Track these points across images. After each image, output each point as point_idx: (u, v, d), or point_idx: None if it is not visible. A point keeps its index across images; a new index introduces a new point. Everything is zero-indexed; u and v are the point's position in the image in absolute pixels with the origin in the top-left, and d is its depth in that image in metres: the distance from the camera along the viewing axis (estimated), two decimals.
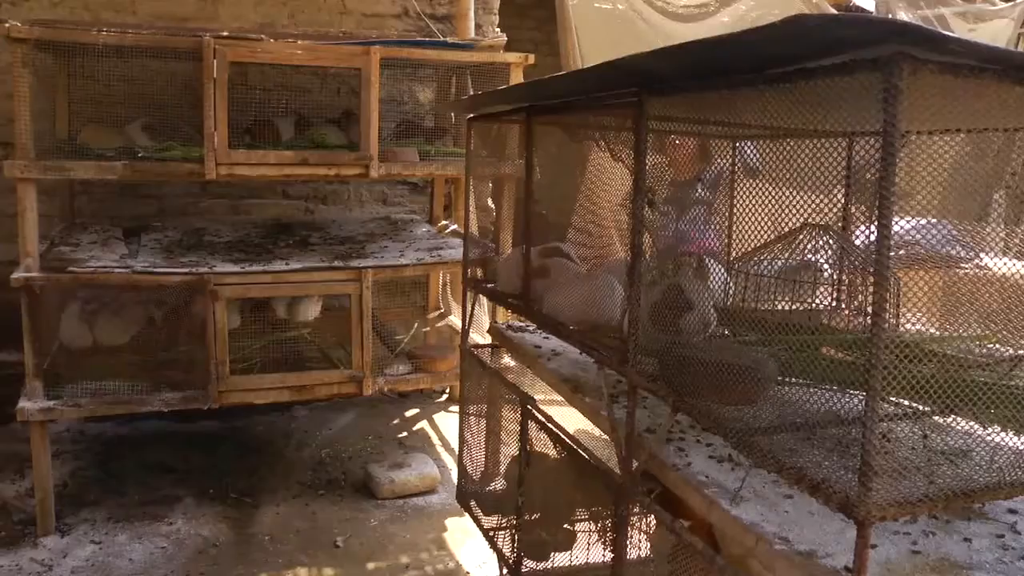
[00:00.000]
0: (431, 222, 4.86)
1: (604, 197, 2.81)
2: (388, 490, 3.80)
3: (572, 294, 2.41)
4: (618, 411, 2.18)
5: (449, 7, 5.08)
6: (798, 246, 2.25)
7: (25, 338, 3.33)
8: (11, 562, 3.27)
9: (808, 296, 2.38)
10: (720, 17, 6.21)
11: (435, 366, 3.91)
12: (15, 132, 3.25)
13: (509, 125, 3.14)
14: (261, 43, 3.47)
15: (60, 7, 4.48)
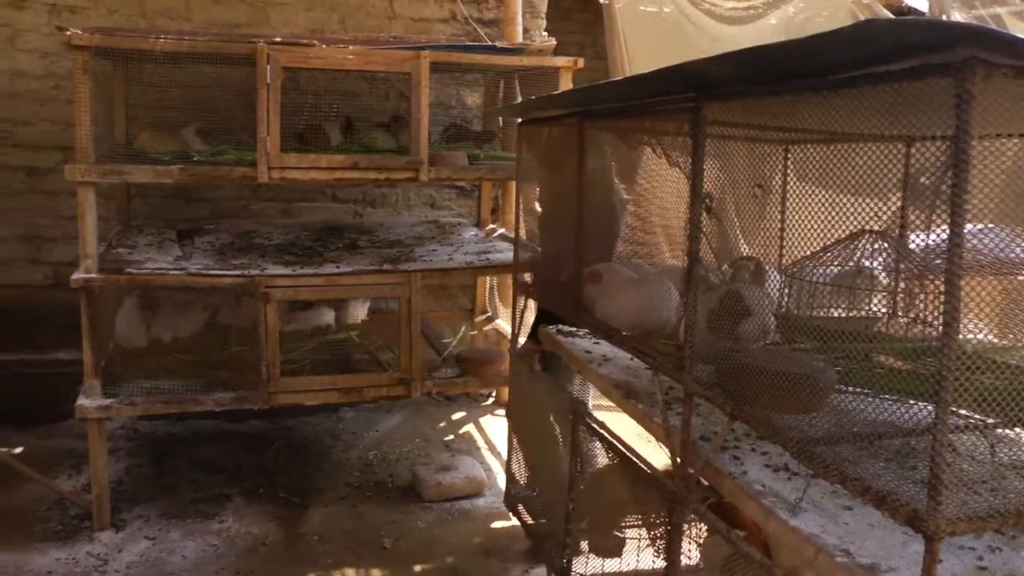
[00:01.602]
0: (478, 226, 4.88)
1: (655, 202, 2.79)
2: (435, 492, 3.82)
3: (625, 299, 2.39)
4: (672, 418, 2.17)
5: (497, 11, 5.10)
6: (855, 252, 2.22)
7: (84, 337, 3.40)
8: (68, 555, 3.34)
9: (864, 303, 2.35)
10: (767, 20, 6.15)
11: (483, 370, 3.92)
12: (76, 136, 3.31)
13: (560, 129, 3.14)
14: (313, 48, 3.50)
15: (117, 15, 4.58)
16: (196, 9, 4.69)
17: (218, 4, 4.71)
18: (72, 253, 4.60)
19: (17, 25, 4.49)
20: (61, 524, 3.59)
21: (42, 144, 4.59)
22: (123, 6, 4.59)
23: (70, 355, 4.52)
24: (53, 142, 4.59)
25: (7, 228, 4.61)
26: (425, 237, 4.42)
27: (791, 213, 2.51)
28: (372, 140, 3.91)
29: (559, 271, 2.89)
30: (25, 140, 4.58)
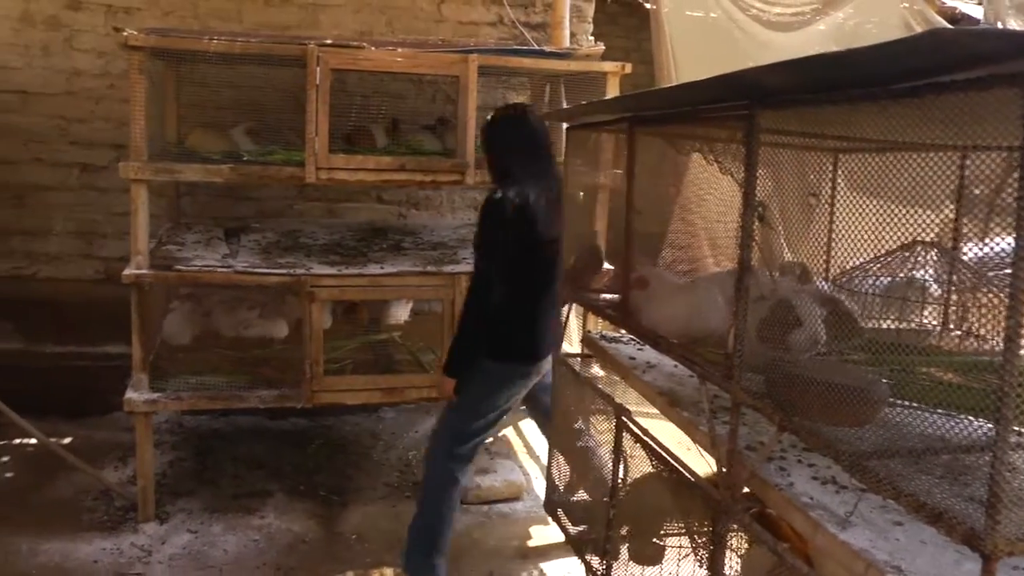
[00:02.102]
0: None
1: (698, 209, 2.77)
2: (474, 495, 3.83)
3: (672, 306, 2.38)
4: (718, 427, 2.15)
5: (544, 15, 5.10)
6: (906, 263, 2.18)
7: (134, 332, 3.46)
8: (113, 545, 3.41)
9: (915, 315, 2.31)
10: (816, 26, 6.09)
11: None
12: (130, 135, 3.37)
13: (608, 135, 3.13)
14: (363, 51, 3.53)
15: (171, 16, 4.66)
16: (248, 11, 4.76)
17: (269, 6, 4.78)
18: (122, 249, 4.69)
19: (74, 26, 4.59)
20: (107, 515, 3.66)
21: (96, 142, 4.69)
22: (177, 8, 4.67)
23: (118, 349, 4.62)
24: (107, 140, 4.69)
25: (61, 223, 4.72)
26: (468, 240, 4.41)
27: (840, 222, 2.49)
28: (418, 142, 3.93)
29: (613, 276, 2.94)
30: (80, 137, 4.68)
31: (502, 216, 2.96)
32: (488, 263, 3.01)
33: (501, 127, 3.16)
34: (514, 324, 3.07)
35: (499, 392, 3.10)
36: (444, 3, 5.00)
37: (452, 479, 3.10)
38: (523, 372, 3.12)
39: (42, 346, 4.69)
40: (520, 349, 3.10)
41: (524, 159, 3.09)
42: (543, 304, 3.12)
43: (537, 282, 3.09)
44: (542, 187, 3.06)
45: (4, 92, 4.57)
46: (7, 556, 3.29)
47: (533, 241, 3.02)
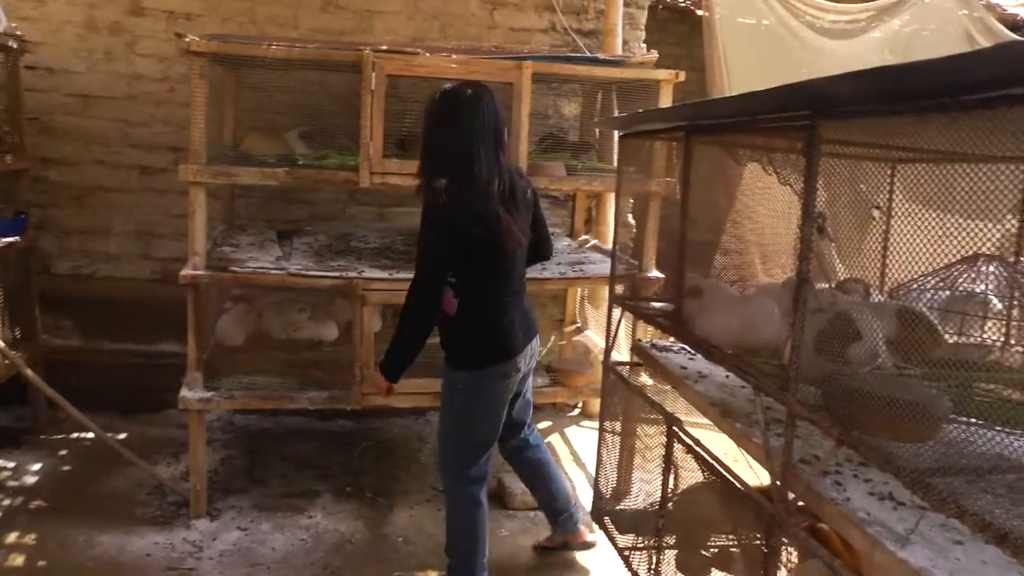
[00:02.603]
0: (571, 236, 4.88)
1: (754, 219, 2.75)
2: (520, 501, 3.83)
3: (727, 317, 2.36)
4: (771, 439, 2.13)
5: (596, 22, 5.10)
6: (967, 276, 2.14)
7: (189, 331, 3.51)
8: (166, 540, 3.47)
9: (976, 330, 2.26)
10: (871, 33, 6.00)
11: (572, 380, 3.91)
12: (190, 139, 3.44)
13: (662, 143, 3.12)
14: (417, 57, 3.56)
15: (229, 22, 4.74)
16: (303, 17, 4.83)
17: (325, 12, 4.84)
18: (178, 250, 4.79)
19: (137, 31, 4.69)
20: (159, 510, 3.72)
21: (155, 144, 4.79)
22: (235, 14, 4.75)
23: (172, 348, 4.73)
24: (166, 143, 4.79)
25: (121, 224, 4.82)
26: None
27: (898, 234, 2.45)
28: None
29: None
30: (140, 140, 4.78)
31: (445, 214, 2.71)
32: (436, 266, 2.77)
33: (466, 104, 2.75)
34: (480, 330, 2.87)
35: (486, 400, 2.92)
36: (496, 9, 5.02)
37: (475, 502, 3.00)
38: (503, 373, 2.90)
39: (100, 343, 4.80)
40: (492, 352, 2.87)
41: (486, 145, 2.75)
42: (506, 301, 2.89)
43: (497, 281, 2.86)
44: (500, 179, 2.77)
45: (68, 96, 4.69)
46: (64, 547, 3.37)
47: (492, 242, 2.76)
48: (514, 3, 5.03)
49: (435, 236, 2.74)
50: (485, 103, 2.76)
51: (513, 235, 2.79)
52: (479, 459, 2.99)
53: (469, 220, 2.70)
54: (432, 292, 2.78)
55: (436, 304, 2.79)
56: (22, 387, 4.14)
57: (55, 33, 4.62)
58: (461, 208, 2.70)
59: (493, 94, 2.82)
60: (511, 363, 2.90)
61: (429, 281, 2.77)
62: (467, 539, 3.02)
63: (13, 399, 4.35)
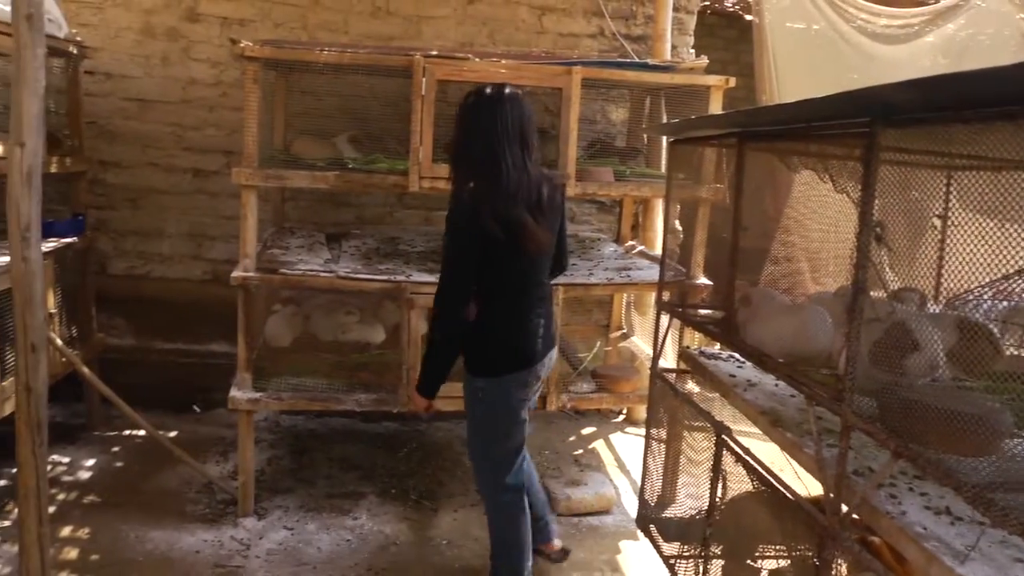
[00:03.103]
0: (618, 241, 4.86)
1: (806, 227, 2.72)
2: (564, 506, 3.82)
3: (779, 325, 2.33)
4: (824, 450, 2.10)
5: (645, 28, 5.08)
6: None
7: (239, 332, 3.56)
8: (214, 537, 3.52)
9: None
10: (925, 38, 5.89)
11: (618, 387, 3.89)
12: (243, 142, 3.49)
13: (712, 149, 3.10)
14: (467, 62, 3.58)
15: (281, 28, 4.82)
16: (354, 23, 4.88)
17: (375, 18, 4.89)
18: (229, 251, 4.87)
19: (192, 37, 4.78)
20: (208, 507, 3.78)
21: (208, 148, 4.88)
22: (287, 19, 4.82)
23: (221, 348, 4.80)
24: (218, 146, 4.87)
25: (174, 225, 4.92)
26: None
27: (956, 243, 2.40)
28: None
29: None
30: (194, 144, 4.87)
31: (473, 220, 2.64)
32: (465, 273, 2.70)
33: (491, 107, 2.71)
34: (501, 336, 2.82)
35: (508, 406, 2.87)
36: (545, 15, 5.03)
37: (517, 509, 2.98)
38: (523, 380, 2.85)
39: (152, 343, 4.90)
40: (513, 359, 2.83)
41: (512, 148, 2.69)
42: (527, 307, 2.85)
43: (520, 287, 2.82)
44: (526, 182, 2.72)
45: (125, 100, 4.79)
46: (116, 542, 3.44)
47: (515, 247, 2.70)
48: (562, 8, 5.03)
49: (461, 242, 2.68)
50: (510, 106, 2.71)
51: (537, 241, 2.75)
52: (512, 466, 2.96)
53: (494, 223, 2.64)
54: (461, 300, 2.72)
55: (464, 312, 2.73)
56: (78, 384, 4.24)
57: (113, 39, 4.73)
58: (486, 211, 2.64)
59: (521, 98, 2.77)
60: (531, 371, 2.87)
61: (457, 289, 2.71)
62: (514, 549, 3.00)
63: (69, 396, 4.44)
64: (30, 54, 2.49)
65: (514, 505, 2.98)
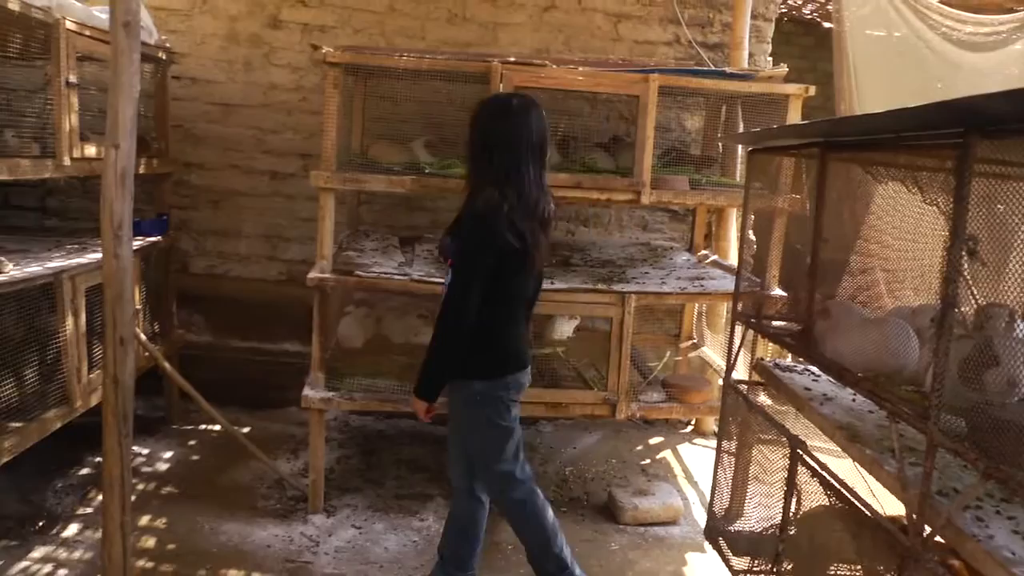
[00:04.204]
0: (691, 251, 4.82)
1: (884, 240, 2.65)
2: (631, 516, 3.79)
3: (859, 339, 2.28)
4: (907, 468, 2.05)
5: (721, 35, 5.04)
6: None
7: (314, 332, 3.63)
8: (284, 533, 3.59)
9: None
10: (1014, 45, 5.70)
11: (689, 397, 3.85)
12: (322, 146, 3.56)
13: (790, 159, 3.05)
14: (545, 68, 3.59)
15: (360, 34, 4.90)
16: (430, 29, 4.94)
17: (451, 24, 4.94)
18: (303, 252, 4.97)
19: (274, 43, 4.90)
20: (279, 503, 3.85)
21: (286, 151, 4.99)
22: (366, 26, 4.90)
23: (295, 347, 4.90)
24: (296, 149, 4.98)
25: (251, 226, 5.04)
26: (637, 259, 4.41)
27: None
28: (593, 160, 3.94)
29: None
30: (272, 147, 4.99)
31: (492, 229, 2.62)
32: (478, 278, 2.67)
33: (518, 117, 2.69)
34: (498, 341, 2.80)
35: (504, 406, 2.85)
36: (621, 22, 5.02)
37: (530, 500, 2.96)
38: (518, 383, 2.87)
39: (228, 340, 5.03)
40: (510, 362, 2.83)
41: (534, 160, 2.70)
42: (521, 318, 2.89)
43: (520, 298, 2.85)
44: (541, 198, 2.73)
45: (209, 104, 4.94)
46: (192, 533, 3.53)
47: (525, 260, 2.71)
48: (639, 16, 5.02)
49: (478, 248, 2.66)
50: (535, 117, 2.71)
51: (544, 255, 2.80)
52: (518, 461, 2.96)
53: (513, 236, 2.63)
54: (471, 307, 2.68)
55: (473, 316, 2.69)
56: (158, 378, 4.37)
57: (199, 45, 4.87)
58: (507, 223, 2.62)
59: (541, 109, 2.76)
60: (525, 372, 2.89)
61: (469, 297, 2.67)
62: (543, 534, 2.98)
63: (149, 390, 4.58)
64: (126, 60, 2.58)
65: (531, 497, 2.96)
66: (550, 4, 4.95)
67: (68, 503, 3.72)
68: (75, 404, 3.38)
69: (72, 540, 3.42)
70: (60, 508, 3.67)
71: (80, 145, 3.35)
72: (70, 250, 3.73)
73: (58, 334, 3.29)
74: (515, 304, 2.85)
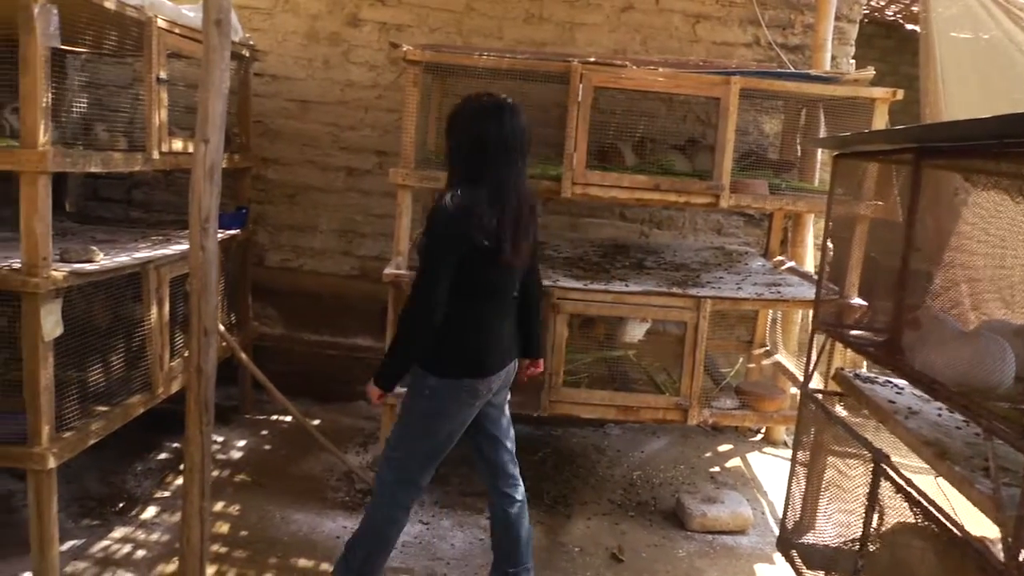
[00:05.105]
0: (765, 256, 4.73)
1: (977, 250, 2.57)
2: (699, 523, 3.74)
3: (953, 352, 2.21)
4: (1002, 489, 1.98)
5: (803, 37, 4.94)
6: None
7: (388, 327, 3.66)
8: (353, 525, 3.59)
9: None
10: None
11: (763, 405, 3.79)
12: (401, 144, 3.59)
13: (876, 165, 2.97)
14: (625, 69, 3.56)
15: (437, 32, 4.94)
16: (507, 28, 4.95)
17: (528, 24, 4.94)
18: (377, 248, 5.03)
19: (352, 41, 4.96)
20: (348, 496, 3.90)
21: (362, 147, 5.05)
22: (443, 25, 4.93)
23: (366, 342, 4.96)
24: (371, 146, 5.04)
25: (326, 221, 5.12)
26: (711, 263, 4.35)
27: None
28: (670, 163, 3.90)
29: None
30: (349, 143, 5.05)
31: (455, 225, 2.59)
32: (443, 272, 2.63)
33: (500, 117, 2.67)
34: (461, 341, 2.74)
35: (447, 411, 2.79)
36: (699, 23, 4.95)
37: (400, 504, 2.90)
38: (474, 388, 2.77)
39: (301, 333, 5.11)
40: (468, 365, 2.75)
41: (512, 159, 2.68)
42: (492, 318, 2.80)
43: (489, 297, 2.77)
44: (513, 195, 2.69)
45: (288, 100, 5.02)
46: (263, 521, 3.60)
47: (494, 258, 2.66)
48: (717, 16, 4.95)
49: (445, 244, 2.62)
50: (517, 117, 2.70)
51: (519, 255, 2.73)
52: (427, 469, 2.90)
53: (479, 232, 2.60)
54: (436, 299, 2.64)
55: (439, 311, 2.66)
56: (233, 368, 4.46)
57: (281, 43, 4.96)
58: (474, 220, 2.60)
59: (519, 110, 2.73)
60: (484, 381, 2.79)
61: (434, 288, 2.63)
62: (381, 545, 2.92)
63: (224, 379, 4.66)
64: (217, 56, 2.63)
65: (405, 503, 2.91)
66: (628, 4, 4.92)
67: (147, 486, 3.83)
68: (157, 391, 3.47)
69: (150, 522, 3.52)
70: (139, 491, 3.78)
71: (168, 139, 3.44)
72: (155, 241, 3.83)
73: (143, 322, 3.38)
74: (485, 303, 2.77)
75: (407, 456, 2.86)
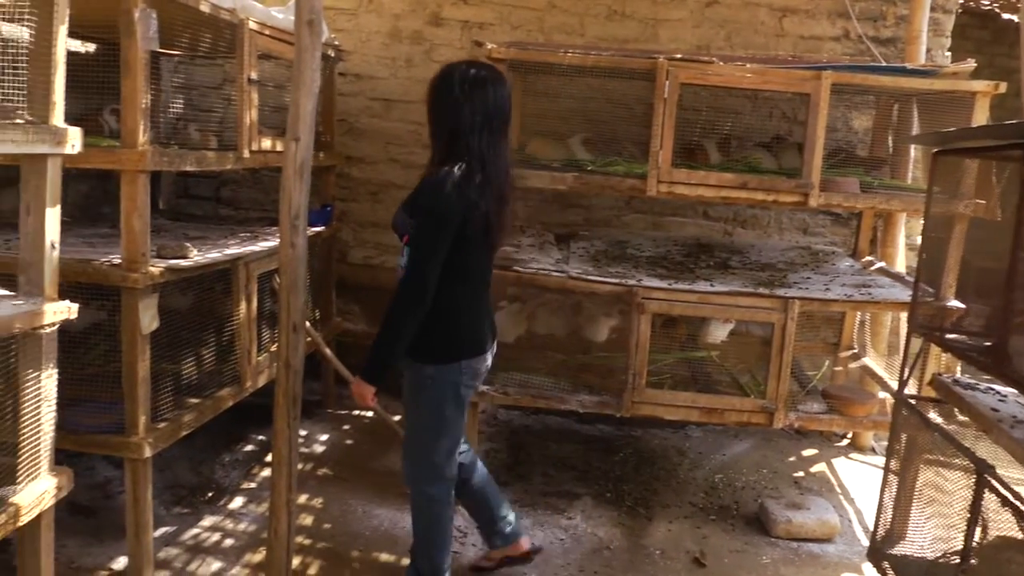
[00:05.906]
0: (854, 256, 4.60)
1: None
2: (783, 529, 3.66)
3: None
4: None
5: (895, 29, 4.78)
6: None
7: None
8: None
9: None
10: None
11: (852, 410, 3.68)
12: None
13: (976, 162, 2.85)
14: (712, 65, 3.50)
15: (519, 30, 4.93)
16: (589, 25, 4.91)
17: (610, 21, 4.90)
18: None
19: (434, 40, 5.00)
20: None
21: None
22: (525, 22, 4.93)
23: None
24: None
25: None
26: (797, 263, 4.25)
27: None
28: (756, 160, 3.82)
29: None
30: (428, 141, 5.07)
31: (450, 204, 2.53)
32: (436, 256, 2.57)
33: (484, 88, 2.59)
34: (456, 322, 2.71)
35: (456, 395, 2.77)
36: (786, 17, 4.84)
37: (439, 502, 2.89)
38: (474, 369, 2.78)
39: None
40: (466, 345, 2.74)
41: (495, 133, 2.62)
42: (481, 296, 2.80)
43: (479, 276, 2.77)
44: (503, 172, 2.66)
45: (372, 99, 5.09)
46: (346, 515, 3.66)
47: (485, 237, 2.63)
48: (805, 10, 4.83)
49: (435, 223, 2.57)
50: (502, 88, 2.63)
51: (505, 230, 2.73)
52: (451, 459, 2.88)
53: (473, 210, 2.55)
54: (429, 283, 2.58)
55: (430, 296, 2.59)
56: (316, 363, 4.54)
57: (364, 43, 5.03)
58: (465, 198, 2.55)
59: (503, 79, 2.66)
60: (482, 359, 2.79)
61: (427, 271, 2.57)
62: (439, 545, 2.92)
63: (307, 373, 4.75)
64: (309, 56, 2.68)
65: (444, 499, 2.90)
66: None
67: (234, 477, 3.92)
68: (245, 384, 3.55)
69: (237, 512, 3.60)
70: (227, 481, 3.88)
71: (258, 138, 3.51)
72: (243, 238, 3.92)
73: (232, 317, 3.46)
74: (475, 283, 2.76)
75: (430, 454, 2.87)
